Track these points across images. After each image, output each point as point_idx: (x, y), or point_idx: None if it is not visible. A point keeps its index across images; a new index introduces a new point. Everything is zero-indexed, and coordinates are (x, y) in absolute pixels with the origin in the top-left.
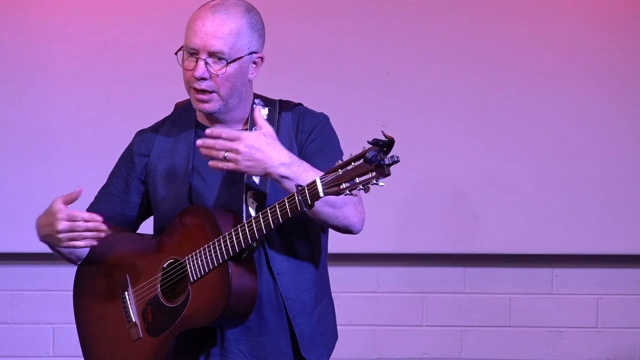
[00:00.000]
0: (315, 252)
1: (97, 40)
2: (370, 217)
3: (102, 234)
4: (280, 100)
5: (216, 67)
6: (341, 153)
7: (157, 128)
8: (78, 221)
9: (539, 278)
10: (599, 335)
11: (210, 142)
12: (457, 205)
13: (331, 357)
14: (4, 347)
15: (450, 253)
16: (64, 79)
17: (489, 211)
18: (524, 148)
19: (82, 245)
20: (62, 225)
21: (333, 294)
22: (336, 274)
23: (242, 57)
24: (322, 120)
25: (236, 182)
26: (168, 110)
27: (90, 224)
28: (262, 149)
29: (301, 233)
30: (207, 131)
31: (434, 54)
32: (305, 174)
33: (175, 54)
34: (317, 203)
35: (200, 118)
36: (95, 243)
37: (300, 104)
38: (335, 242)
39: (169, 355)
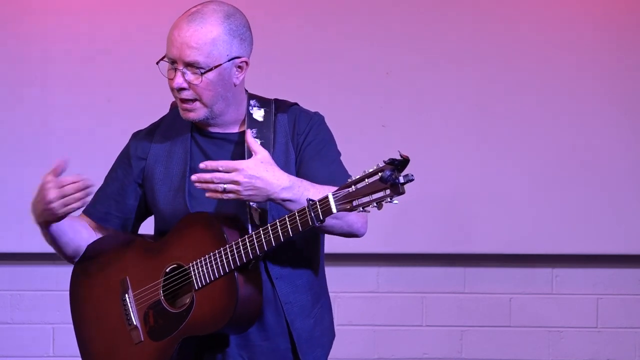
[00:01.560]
0: (313, 255)
1: (97, 40)
2: (370, 217)
3: (92, 189)
4: (276, 100)
5: (193, 77)
6: (338, 154)
7: (153, 130)
8: (67, 185)
9: (539, 278)
10: (599, 335)
11: (207, 176)
12: (457, 205)
13: (332, 357)
14: (4, 347)
15: (450, 253)
16: (63, 79)
17: (489, 211)
18: (524, 148)
19: (77, 207)
20: (52, 194)
21: (333, 294)
22: (336, 274)
23: (220, 64)
24: (317, 121)
25: None
26: (168, 110)
27: (79, 184)
28: (262, 176)
29: (300, 237)
30: (201, 165)
31: (434, 54)
32: (307, 192)
33: (157, 63)
34: None
35: None
36: (87, 201)
37: (295, 104)
38: (335, 242)
39: None
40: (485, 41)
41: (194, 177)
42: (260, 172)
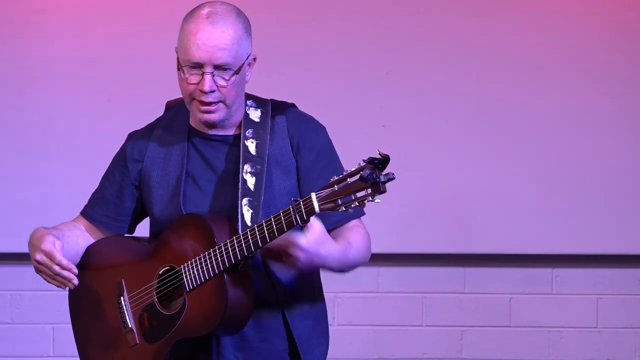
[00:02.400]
0: None
1: (97, 40)
2: (371, 217)
3: (72, 285)
4: (272, 101)
5: (223, 79)
6: (342, 170)
7: (150, 131)
8: (55, 263)
9: (539, 278)
10: (599, 335)
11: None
12: (457, 205)
13: (332, 357)
14: (4, 347)
15: (450, 253)
16: (63, 79)
17: (489, 211)
18: (524, 148)
19: (49, 282)
20: (39, 256)
21: (333, 294)
22: (336, 274)
23: (243, 63)
24: (322, 135)
25: (230, 188)
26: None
27: (64, 272)
28: (320, 253)
29: None
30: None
31: (434, 54)
32: (348, 254)
33: (179, 69)
34: (355, 261)
35: (194, 123)
36: (63, 287)
37: (293, 105)
38: None
39: None
40: (485, 41)
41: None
42: (319, 249)
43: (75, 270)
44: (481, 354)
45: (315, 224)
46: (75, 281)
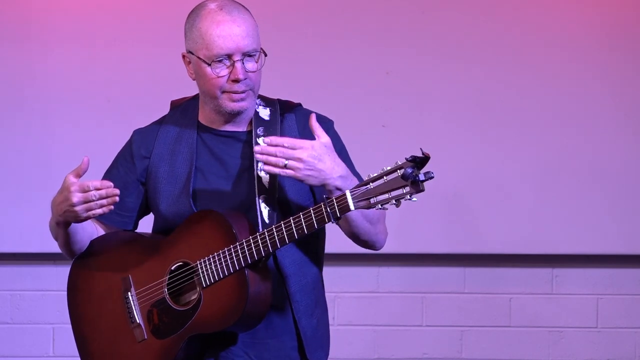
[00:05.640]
0: (318, 255)
1: (96, 40)
2: None
3: (117, 198)
4: (279, 100)
5: (251, 65)
6: (351, 164)
7: (156, 128)
8: (91, 190)
9: (539, 278)
10: (599, 335)
11: (271, 149)
12: (457, 205)
13: (332, 357)
14: (4, 347)
15: (450, 253)
16: (63, 79)
17: (489, 211)
18: (524, 148)
19: (100, 213)
20: (76, 197)
21: (333, 294)
22: (336, 274)
23: (261, 49)
24: (330, 129)
25: (243, 184)
26: (168, 110)
27: (102, 191)
28: (324, 159)
29: (310, 236)
30: (266, 140)
31: (434, 54)
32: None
33: (210, 64)
34: (356, 217)
35: (203, 119)
36: (112, 208)
37: (299, 105)
38: (336, 242)
39: (177, 358)
40: (486, 41)
41: (257, 149)
42: (323, 155)
43: (110, 184)
44: (481, 354)
45: (323, 134)
46: (117, 191)
